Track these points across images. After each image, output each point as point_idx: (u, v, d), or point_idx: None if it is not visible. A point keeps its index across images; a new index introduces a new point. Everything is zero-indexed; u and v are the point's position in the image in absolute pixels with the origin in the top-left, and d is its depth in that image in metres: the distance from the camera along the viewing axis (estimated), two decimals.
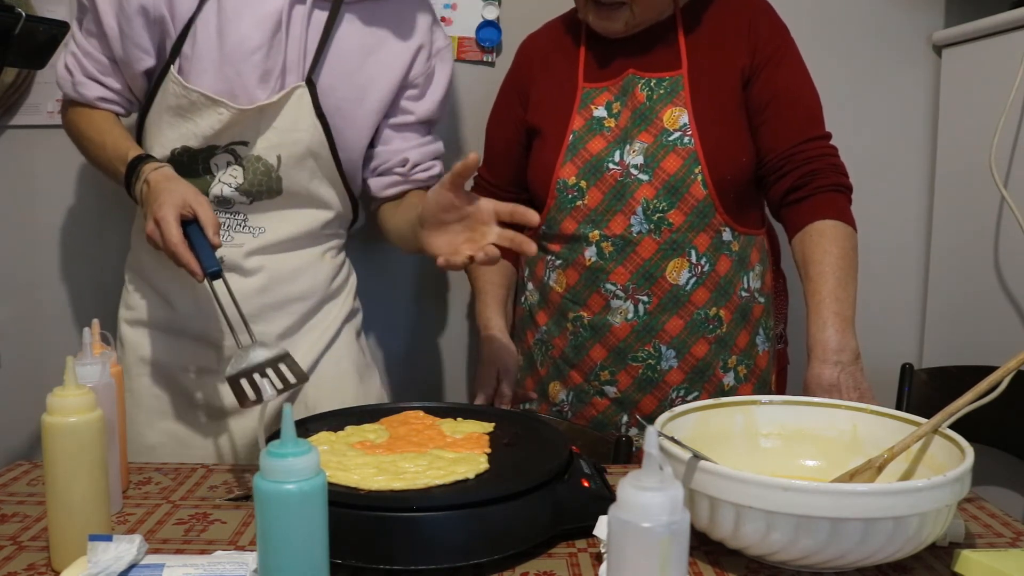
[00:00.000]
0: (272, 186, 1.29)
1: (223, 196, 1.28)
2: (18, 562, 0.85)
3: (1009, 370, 0.87)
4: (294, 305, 1.33)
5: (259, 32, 1.23)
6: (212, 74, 1.23)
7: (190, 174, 1.27)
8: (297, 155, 1.28)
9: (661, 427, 0.91)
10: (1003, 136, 1.50)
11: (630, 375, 1.34)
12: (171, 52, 1.24)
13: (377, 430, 1.03)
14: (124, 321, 1.36)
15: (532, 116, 1.41)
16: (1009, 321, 1.53)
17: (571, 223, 1.34)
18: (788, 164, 1.31)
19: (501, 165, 1.48)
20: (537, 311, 1.43)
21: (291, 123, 1.27)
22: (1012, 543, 0.91)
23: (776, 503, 0.77)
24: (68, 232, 1.71)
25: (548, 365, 1.41)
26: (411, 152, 1.39)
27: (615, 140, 1.33)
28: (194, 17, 1.23)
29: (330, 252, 1.39)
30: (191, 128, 1.26)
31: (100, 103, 1.29)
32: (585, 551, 0.89)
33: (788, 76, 1.33)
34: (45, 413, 0.81)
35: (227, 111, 1.24)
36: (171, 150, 1.28)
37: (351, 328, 1.42)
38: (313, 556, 0.69)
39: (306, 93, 1.26)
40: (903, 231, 1.81)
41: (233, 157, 1.28)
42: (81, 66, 1.28)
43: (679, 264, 1.31)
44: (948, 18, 1.76)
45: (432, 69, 1.38)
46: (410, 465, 0.91)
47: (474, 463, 0.92)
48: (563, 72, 1.40)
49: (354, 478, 0.88)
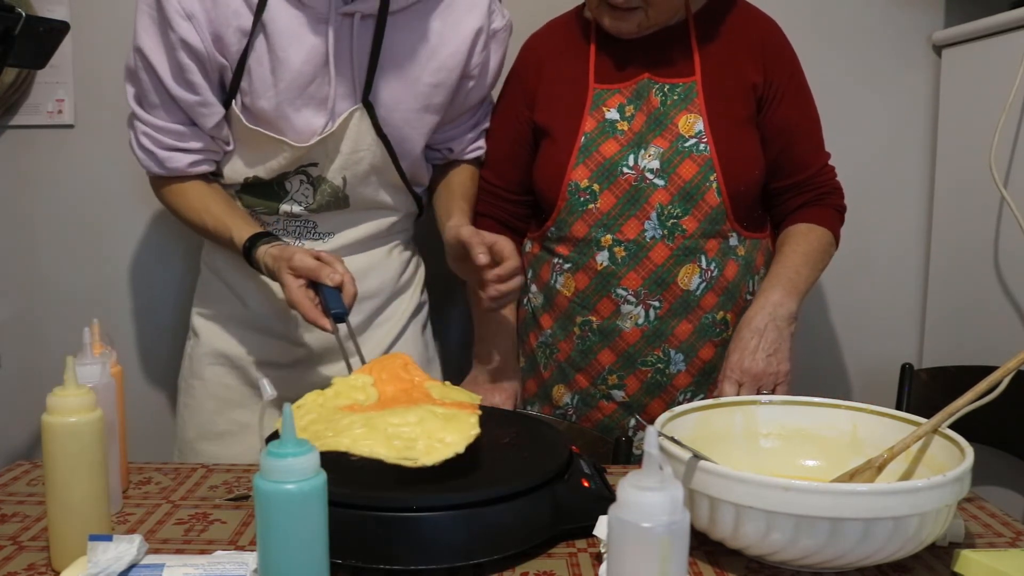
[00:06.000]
0: (340, 203, 1.33)
1: (292, 212, 1.32)
2: (18, 562, 0.85)
3: (1009, 370, 0.87)
4: (365, 303, 1.35)
5: (310, 66, 1.22)
6: (272, 110, 1.24)
7: (263, 195, 1.32)
8: (361, 174, 1.31)
9: (661, 427, 0.91)
10: (1003, 136, 1.50)
11: (639, 379, 1.34)
12: (231, 89, 1.24)
13: (365, 387, 1.01)
14: (198, 314, 1.41)
15: (540, 116, 1.39)
16: (1009, 321, 1.53)
17: (582, 226, 1.33)
18: (793, 190, 1.38)
19: (505, 167, 1.44)
20: (541, 314, 1.41)
21: (353, 145, 1.28)
22: (1012, 543, 0.91)
23: (776, 503, 0.77)
24: (68, 232, 1.71)
25: (552, 368, 1.40)
26: (456, 143, 1.43)
27: (629, 144, 1.32)
28: (246, 54, 1.22)
29: (397, 248, 1.43)
30: (259, 161, 1.29)
31: (192, 169, 1.28)
32: (585, 551, 0.88)
33: (798, 110, 1.37)
34: (45, 413, 0.81)
35: (290, 149, 1.26)
36: (244, 178, 1.31)
37: (417, 323, 1.47)
38: (313, 556, 0.69)
39: (365, 115, 1.27)
40: (903, 231, 1.82)
41: (305, 177, 1.30)
42: (158, 142, 1.26)
43: (691, 270, 1.31)
44: (948, 18, 1.76)
45: (488, 55, 1.36)
46: (398, 420, 0.89)
47: (465, 423, 0.90)
48: (573, 72, 1.38)
49: (344, 442, 0.86)
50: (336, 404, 0.97)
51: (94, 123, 1.68)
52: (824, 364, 1.84)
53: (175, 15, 1.17)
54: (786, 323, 1.27)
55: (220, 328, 1.39)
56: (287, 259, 1.15)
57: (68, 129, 1.68)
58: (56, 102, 1.66)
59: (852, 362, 1.85)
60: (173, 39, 1.18)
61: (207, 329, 1.39)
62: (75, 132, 1.68)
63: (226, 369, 1.38)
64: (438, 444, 0.87)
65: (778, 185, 1.38)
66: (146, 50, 1.20)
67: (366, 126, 1.27)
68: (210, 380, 1.38)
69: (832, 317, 1.84)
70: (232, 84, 1.24)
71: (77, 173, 1.69)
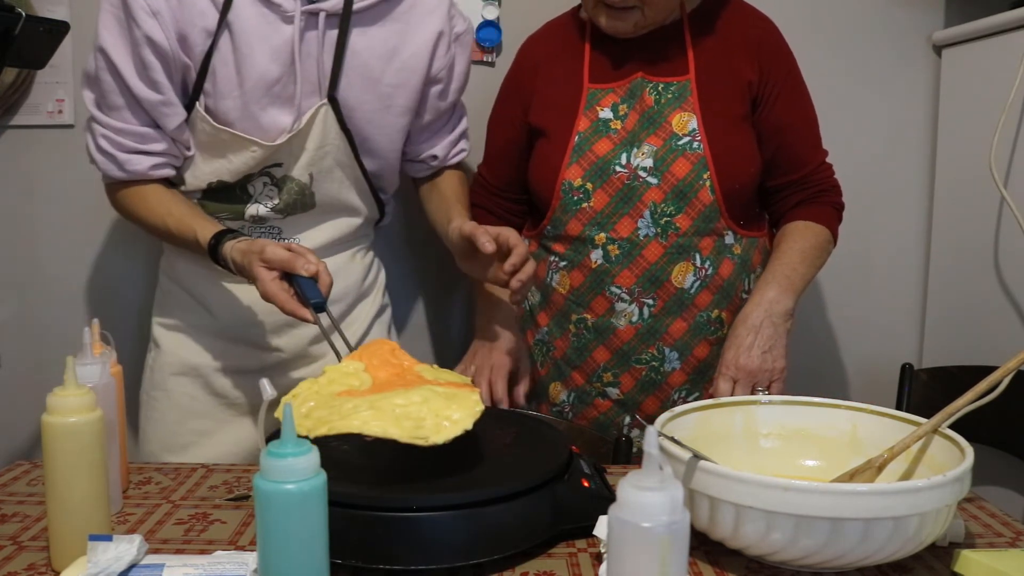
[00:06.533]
0: (306, 202, 1.32)
1: (259, 215, 1.31)
2: (18, 562, 0.85)
3: (1009, 370, 0.87)
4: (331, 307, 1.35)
5: (276, 64, 1.22)
6: (238, 111, 1.24)
7: (227, 200, 1.31)
8: (326, 169, 1.30)
9: (661, 427, 0.91)
10: (1003, 136, 1.50)
11: (633, 377, 1.34)
12: (194, 90, 1.24)
13: (357, 372, 1.00)
14: (159, 325, 1.39)
15: (535, 117, 1.40)
16: (1009, 321, 1.53)
17: (576, 225, 1.34)
18: (792, 187, 1.38)
19: (502, 166, 1.47)
20: (538, 311, 1.42)
21: (319, 141, 1.28)
22: (1012, 543, 0.91)
23: (776, 503, 0.77)
24: (68, 232, 1.71)
25: (549, 366, 1.41)
26: (439, 149, 1.43)
27: (622, 142, 1.32)
28: (210, 55, 1.21)
29: (359, 252, 1.43)
30: (225, 165, 1.27)
31: (153, 172, 1.26)
32: (585, 551, 0.88)
33: (795, 107, 1.37)
34: (45, 413, 0.81)
35: (259, 148, 1.25)
36: (207, 183, 1.30)
37: (381, 324, 1.47)
38: (313, 556, 0.69)
39: (330, 110, 1.27)
40: (903, 231, 1.82)
41: (269, 179, 1.30)
42: (119, 144, 1.24)
43: (684, 268, 1.31)
44: (948, 18, 1.76)
45: (453, 59, 1.37)
46: (403, 400, 0.88)
47: (468, 400, 0.90)
48: (567, 73, 1.39)
49: (354, 424, 0.85)
50: (331, 391, 0.95)
51: None
52: (824, 364, 1.84)
53: (140, 12, 1.17)
54: (782, 320, 1.27)
55: (184, 338, 1.36)
56: (258, 252, 1.13)
57: (68, 129, 1.68)
58: (56, 102, 1.66)
59: (852, 362, 1.85)
60: (138, 35, 1.18)
61: (169, 339, 1.37)
62: (75, 132, 1.68)
63: (190, 379, 1.36)
64: (446, 422, 0.87)
65: (775, 183, 1.38)
66: (109, 49, 1.19)
67: (331, 121, 1.27)
68: (173, 391, 1.36)
69: (832, 317, 1.84)
70: (196, 86, 1.23)
71: (77, 173, 1.68)
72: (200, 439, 1.36)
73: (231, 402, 1.36)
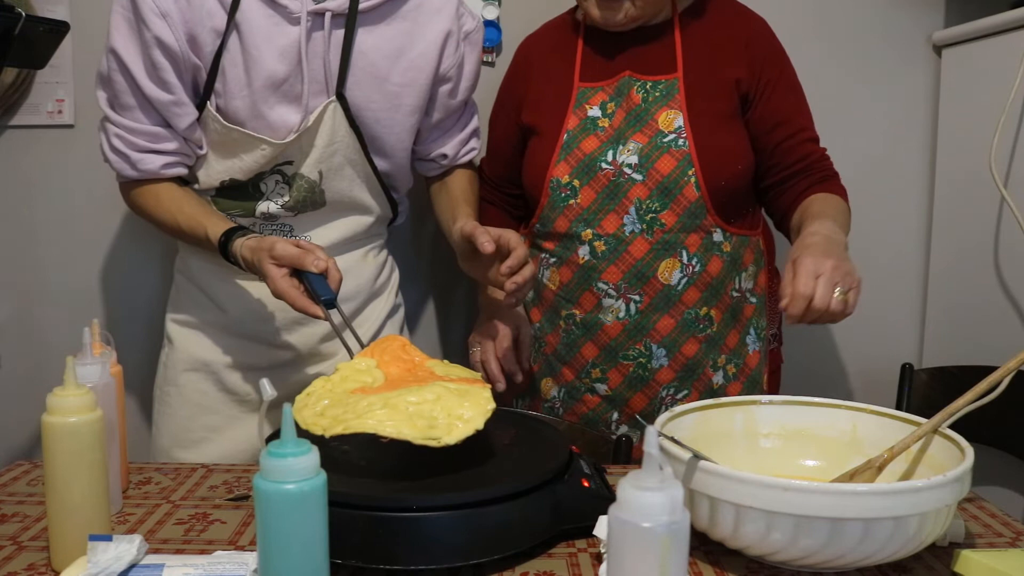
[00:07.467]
0: (316, 199, 1.32)
1: (270, 213, 1.31)
2: (18, 562, 0.85)
3: (1009, 370, 0.87)
4: (342, 305, 1.35)
5: (284, 64, 1.23)
6: (247, 110, 1.24)
7: (239, 197, 1.31)
8: (336, 166, 1.31)
9: (661, 427, 0.91)
10: (1003, 136, 1.50)
11: (621, 373, 1.34)
12: (205, 90, 1.24)
13: (370, 369, 1.01)
14: (173, 321, 1.40)
15: (527, 116, 1.42)
16: (1009, 321, 1.53)
17: (564, 222, 1.35)
18: (798, 176, 1.36)
19: (499, 163, 1.50)
20: (531, 308, 1.44)
21: (328, 138, 1.28)
22: (1012, 543, 0.91)
23: (776, 503, 0.77)
24: (68, 232, 1.71)
25: (541, 361, 1.42)
26: (449, 148, 1.44)
27: (608, 140, 1.33)
28: (219, 55, 1.22)
29: (372, 252, 1.43)
30: (236, 164, 1.28)
31: (165, 171, 1.27)
32: (585, 551, 0.89)
33: (790, 103, 1.36)
34: (45, 413, 0.81)
35: (269, 146, 1.26)
36: (220, 181, 1.30)
37: (394, 324, 1.47)
38: (313, 556, 0.69)
39: (339, 108, 1.27)
40: (903, 231, 1.82)
41: (281, 176, 1.30)
42: (131, 144, 1.25)
43: (671, 264, 1.31)
44: (948, 18, 1.76)
45: (462, 57, 1.37)
46: (416, 398, 0.89)
47: (480, 397, 0.90)
48: (560, 72, 1.40)
49: (369, 423, 0.85)
50: (345, 388, 0.96)
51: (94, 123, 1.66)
52: (824, 364, 1.84)
53: (150, 13, 1.17)
54: (844, 250, 1.14)
55: (197, 335, 1.37)
56: (268, 249, 1.14)
57: (68, 129, 1.68)
58: (56, 102, 1.66)
59: (852, 362, 1.85)
60: (148, 37, 1.18)
61: (183, 336, 1.38)
62: (75, 132, 1.68)
63: (202, 375, 1.36)
64: (458, 422, 0.87)
65: (780, 176, 1.36)
66: (120, 50, 1.20)
67: (340, 118, 1.28)
68: (185, 387, 1.37)
69: None
70: (206, 86, 1.24)
71: (77, 173, 1.69)
72: (211, 435, 1.36)
73: (242, 398, 1.37)
